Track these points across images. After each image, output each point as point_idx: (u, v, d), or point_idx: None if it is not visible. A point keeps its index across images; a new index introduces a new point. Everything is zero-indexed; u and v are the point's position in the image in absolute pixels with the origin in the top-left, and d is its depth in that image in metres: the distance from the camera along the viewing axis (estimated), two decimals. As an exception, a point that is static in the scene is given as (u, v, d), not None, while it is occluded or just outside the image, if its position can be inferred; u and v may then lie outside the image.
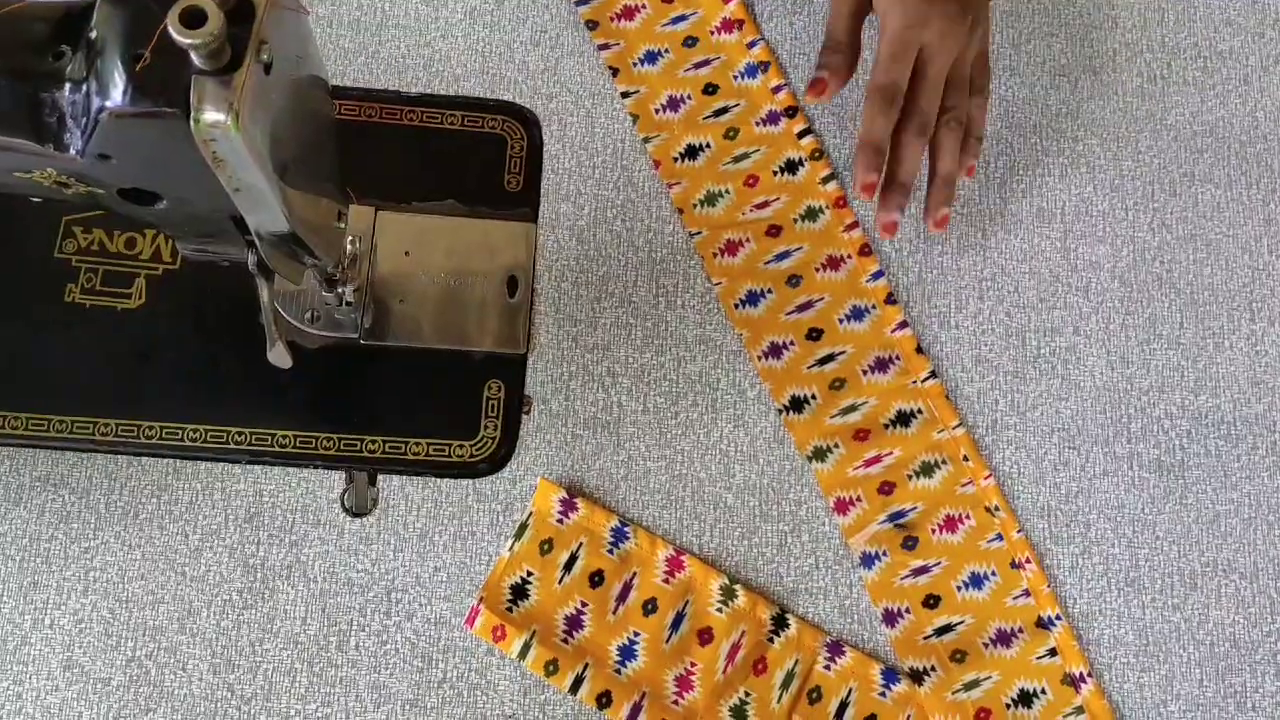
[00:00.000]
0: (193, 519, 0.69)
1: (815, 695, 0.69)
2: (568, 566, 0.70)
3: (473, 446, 0.70)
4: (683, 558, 0.70)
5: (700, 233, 0.77)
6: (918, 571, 0.71)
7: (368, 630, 0.68)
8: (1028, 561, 0.72)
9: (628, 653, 0.69)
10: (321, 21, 0.79)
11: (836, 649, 0.70)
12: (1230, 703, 0.71)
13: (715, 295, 0.76)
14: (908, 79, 0.70)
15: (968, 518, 0.72)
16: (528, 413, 0.72)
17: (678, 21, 0.82)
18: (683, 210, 0.78)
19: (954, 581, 0.71)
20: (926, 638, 0.70)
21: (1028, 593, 0.71)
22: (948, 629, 0.71)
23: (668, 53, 0.81)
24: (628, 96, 0.80)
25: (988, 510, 0.72)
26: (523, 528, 0.70)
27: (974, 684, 0.70)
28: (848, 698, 0.69)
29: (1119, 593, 0.72)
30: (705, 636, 0.69)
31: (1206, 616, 0.72)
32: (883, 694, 0.69)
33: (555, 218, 0.77)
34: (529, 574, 0.69)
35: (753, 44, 0.81)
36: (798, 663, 0.69)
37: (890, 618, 0.71)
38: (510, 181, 0.75)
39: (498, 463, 0.70)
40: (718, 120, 0.79)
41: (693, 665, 0.69)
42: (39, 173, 0.49)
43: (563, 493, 0.70)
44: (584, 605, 0.69)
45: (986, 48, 0.76)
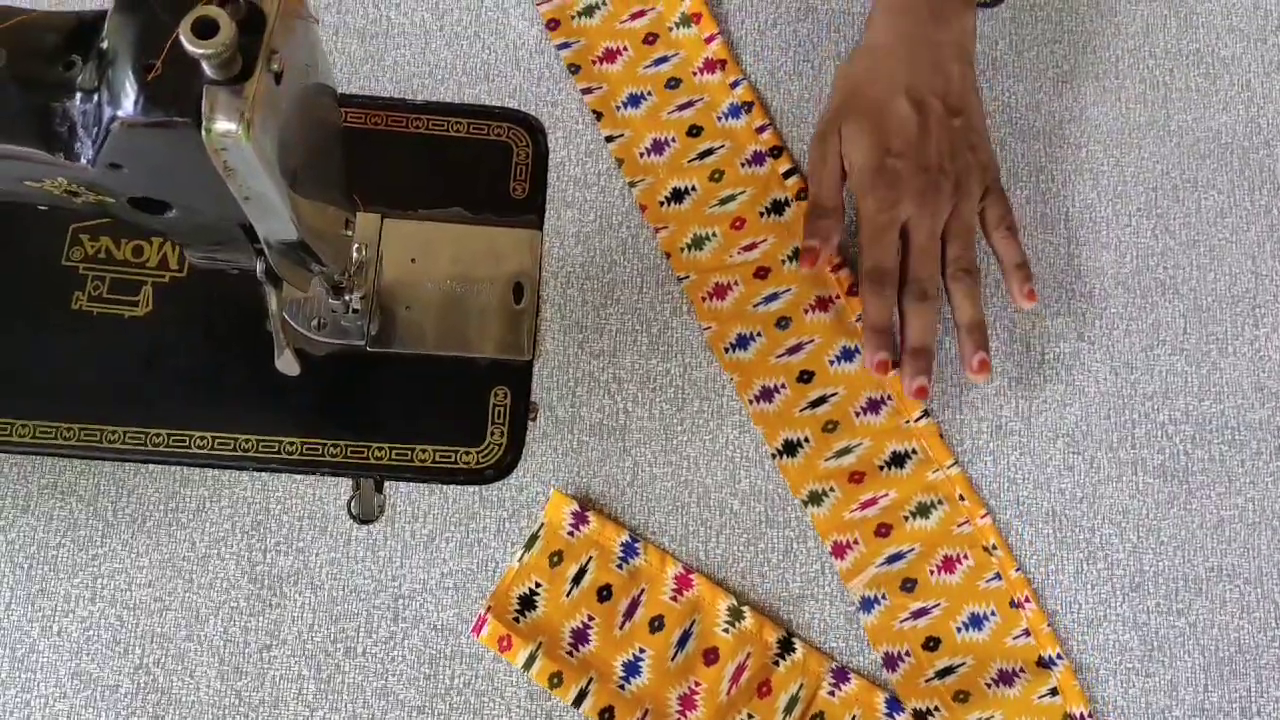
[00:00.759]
0: (200, 526, 0.70)
1: (818, 720, 0.69)
2: (576, 580, 0.70)
3: (479, 453, 0.70)
4: (691, 576, 0.70)
5: (688, 276, 0.77)
6: (917, 614, 0.71)
7: (375, 637, 0.69)
8: (1027, 601, 0.72)
9: (632, 669, 0.69)
10: (328, 29, 0.79)
11: (842, 675, 0.70)
12: (1235, 708, 0.71)
13: (706, 341, 0.75)
14: (895, 257, 0.73)
15: (965, 558, 0.72)
16: (534, 419, 0.72)
17: (660, 63, 0.81)
18: (670, 254, 0.77)
19: (954, 623, 0.71)
20: (929, 680, 0.70)
21: (1028, 632, 0.71)
22: (949, 671, 0.70)
23: (651, 95, 0.80)
24: (612, 140, 0.79)
25: (985, 550, 0.72)
26: (533, 538, 0.70)
27: (978, 723, 0.70)
28: (851, 725, 0.69)
29: (1124, 598, 0.73)
30: (711, 656, 0.69)
31: (1211, 622, 0.73)
32: (886, 723, 0.69)
33: (561, 224, 0.77)
34: (537, 585, 0.70)
35: (736, 84, 0.80)
36: (802, 687, 0.69)
37: (891, 661, 0.70)
38: (516, 188, 0.75)
39: (504, 469, 0.70)
40: (703, 163, 0.79)
41: (697, 685, 0.69)
42: (49, 181, 0.49)
43: (575, 505, 0.70)
44: (591, 619, 0.69)
45: (996, 182, 0.76)
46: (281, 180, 0.47)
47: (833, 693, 0.69)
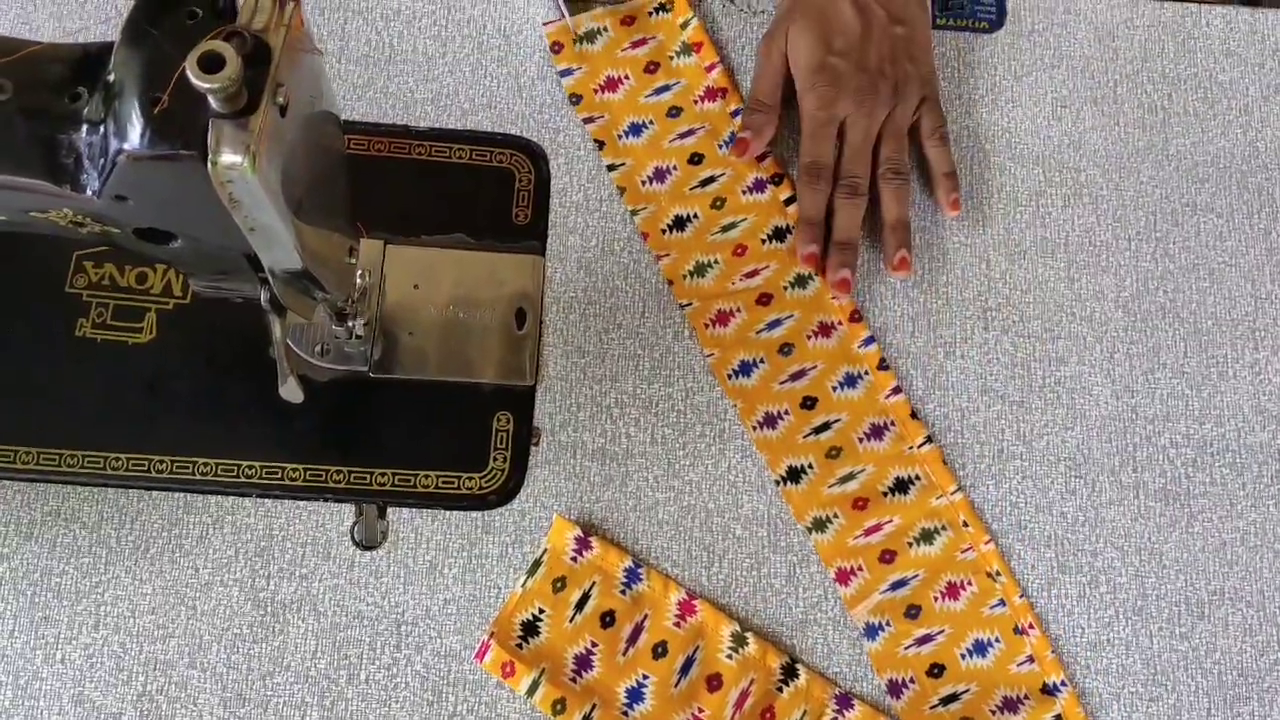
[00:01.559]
0: (203, 553, 0.70)
1: (822, 745, 0.69)
2: (579, 605, 0.70)
3: (482, 479, 0.70)
4: (695, 602, 0.70)
5: (691, 303, 0.77)
6: (921, 640, 0.71)
7: (378, 664, 0.69)
8: (1031, 627, 0.71)
9: (636, 695, 0.69)
10: (331, 57, 0.80)
11: (845, 702, 0.69)
12: (1239, 732, 0.71)
13: (709, 367, 0.76)
14: (831, 153, 0.78)
15: (969, 584, 0.72)
16: (536, 444, 0.72)
17: (661, 92, 0.81)
18: (672, 281, 0.77)
19: (958, 649, 0.71)
20: (933, 707, 0.70)
21: (1032, 659, 0.71)
22: (953, 698, 0.70)
23: (652, 124, 0.81)
24: (614, 169, 0.79)
25: (989, 576, 0.72)
26: (536, 564, 0.70)
27: (982, 750, 0.70)
28: (854, 751, 0.69)
29: (1126, 621, 0.73)
30: (714, 683, 0.69)
31: (1214, 645, 0.73)
32: (889, 749, 0.69)
33: (563, 250, 0.77)
34: (540, 611, 0.69)
35: (736, 112, 0.81)
36: (805, 714, 0.69)
37: (895, 689, 0.70)
38: (518, 214, 0.76)
39: (507, 495, 0.70)
40: (704, 190, 0.79)
41: (700, 711, 0.69)
42: (55, 212, 0.49)
43: (578, 530, 0.70)
44: (594, 645, 0.69)
45: (932, 93, 0.80)
46: (286, 211, 0.47)
47: (836, 719, 0.69)
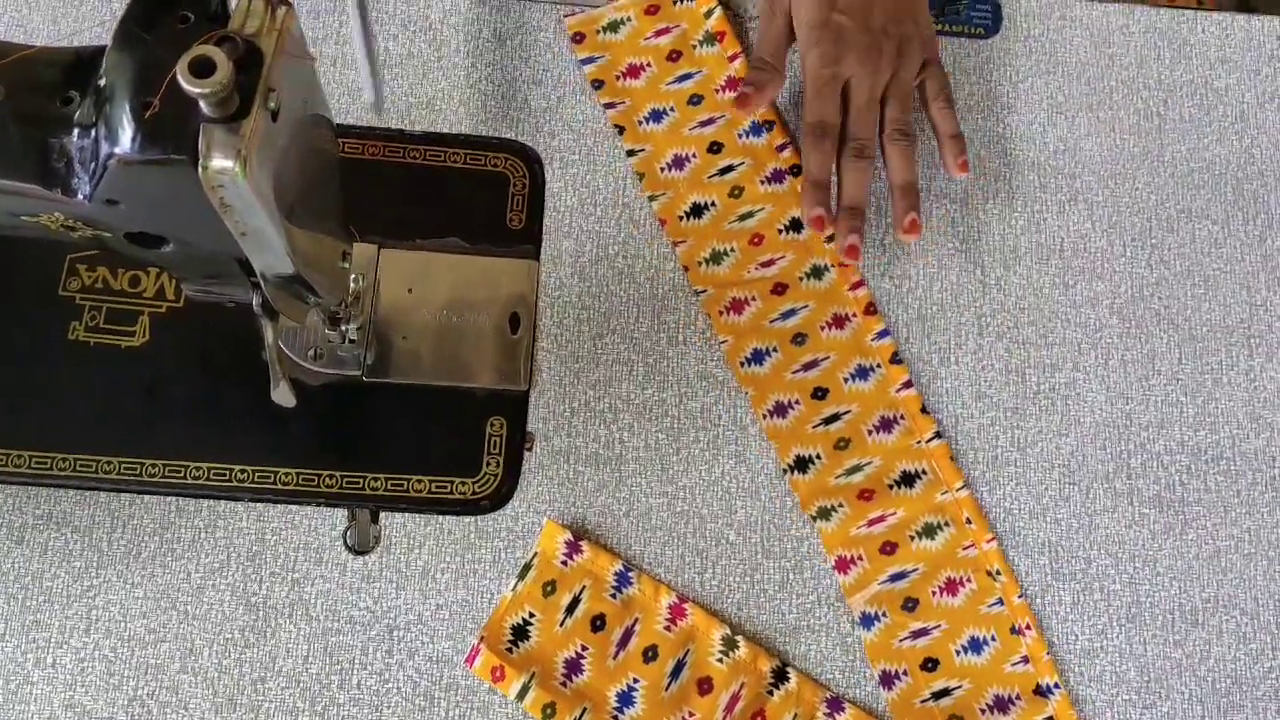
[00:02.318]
0: (195, 557, 0.70)
1: (813, 748, 0.69)
2: (570, 609, 0.70)
3: (475, 484, 0.70)
4: (685, 606, 0.70)
5: (706, 290, 0.77)
6: (917, 634, 0.71)
7: (370, 669, 0.68)
8: (1028, 628, 0.71)
9: (626, 699, 0.68)
10: (326, 60, 0.79)
11: (836, 705, 0.69)
12: (1233, 739, 0.71)
13: (720, 344, 0.76)
14: (837, 113, 0.76)
15: (969, 581, 0.72)
16: (530, 449, 0.72)
17: (683, 80, 0.82)
18: (688, 268, 0.78)
19: (953, 645, 0.71)
20: (924, 701, 0.70)
21: (1027, 659, 0.71)
22: (945, 693, 0.70)
23: (673, 111, 0.81)
24: (633, 155, 0.80)
25: (989, 574, 0.72)
26: (526, 568, 0.70)
27: (971, 749, 0.70)
28: (845, 753, 0.69)
29: (1120, 629, 0.73)
30: (705, 686, 0.69)
31: (1208, 653, 0.72)
32: (880, 750, 0.69)
33: (557, 255, 0.77)
34: (531, 615, 0.69)
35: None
36: (796, 717, 0.69)
37: (888, 679, 0.70)
38: (513, 219, 0.76)
39: (500, 500, 0.70)
40: (723, 179, 0.80)
41: (691, 714, 0.68)
42: (46, 216, 0.49)
43: (568, 534, 0.70)
44: (584, 649, 0.69)
45: (934, 56, 0.79)
46: (278, 215, 0.47)
47: (828, 723, 0.69)
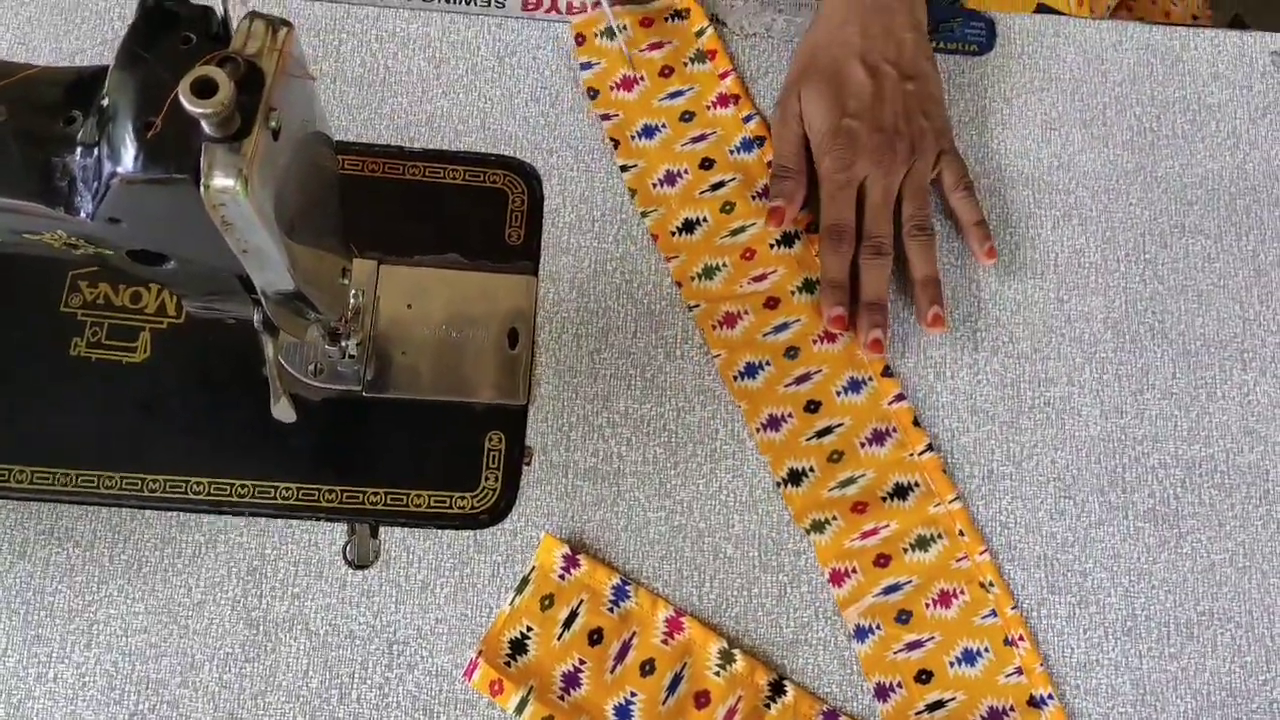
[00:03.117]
0: (196, 572, 0.70)
1: (810, 761, 0.69)
2: (567, 623, 0.70)
3: (474, 498, 0.71)
4: (682, 619, 0.70)
5: (699, 305, 0.77)
6: (911, 646, 0.71)
7: (369, 683, 0.69)
8: (1021, 639, 0.72)
9: (624, 713, 0.69)
10: (325, 77, 0.80)
11: (832, 718, 0.69)
12: (1229, 752, 0.71)
13: (705, 379, 0.76)
14: (852, 214, 0.77)
15: (962, 593, 0.73)
16: (528, 464, 0.73)
17: (675, 96, 0.82)
18: (681, 283, 0.78)
19: (947, 657, 0.71)
20: (918, 713, 0.70)
21: (1020, 671, 0.71)
22: (939, 705, 0.71)
23: (665, 127, 0.81)
24: (626, 170, 0.80)
25: (982, 586, 0.73)
26: (524, 582, 0.70)
27: (966, 760, 0.70)
28: (842, 766, 0.69)
29: (1116, 642, 0.73)
30: (702, 699, 0.69)
31: (1203, 666, 0.73)
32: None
33: (556, 270, 0.78)
34: (529, 629, 0.70)
35: (748, 118, 0.82)
36: None
37: (882, 692, 0.70)
38: (511, 235, 0.76)
39: (499, 514, 0.71)
40: (714, 194, 0.80)
41: None
42: (49, 234, 0.50)
43: (565, 548, 0.71)
44: (582, 663, 0.69)
45: (949, 146, 0.80)
46: (279, 233, 0.48)
47: (825, 735, 0.70)
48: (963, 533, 0.73)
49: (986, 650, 0.72)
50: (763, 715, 0.69)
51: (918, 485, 0.74)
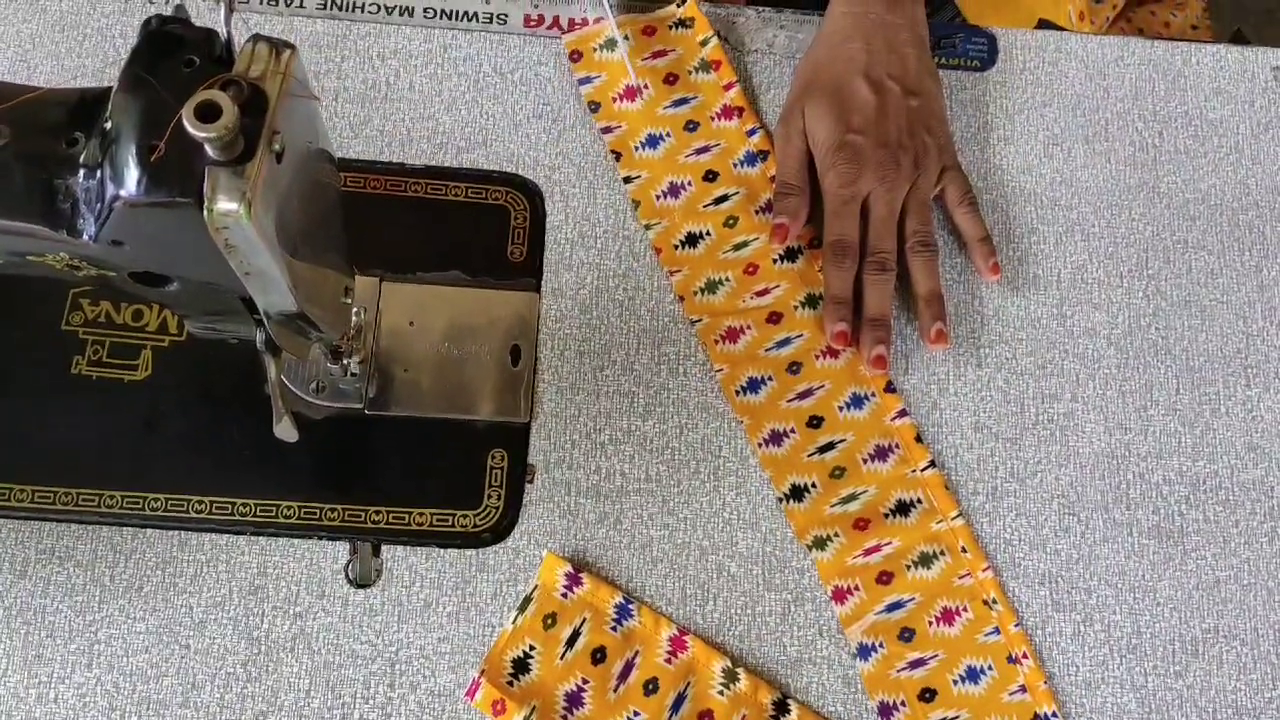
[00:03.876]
0: (197, 591, 0.70)
1: (813, 780, 0.69)
2: (570, 642, 0.70)
3: (476, 516, 0.71)
4: (686, 638, 0.70)
5: (701, 320, 0.77)
6: (914, 664, 0.71)
7: (371, 703, 0.68)
8: (1025, 657, 0.71)
9: None
10: (327, 94, 0.80)
11: None
12: (1235, 770, 0.71)
13: (707, 397, 0.76)
14: (856, 230, 0.77)
15: (965, 610, 0.73)
16: (530, 481, 0.72)
17: (679, 104, 0.82)
18: (684, 298, 0.78)
19: (951, 675, 0.71)
20: None
21: (1024, 689, 0.71)
22: None
23: (669, 137, 0.81)
24: (630, 182, 0.80)
25: (985, 603, 0.72)
26: (527, 601, 0.70)
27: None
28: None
29: (1121, 660, 0.73)
30: (706, 719, 0.69)
31: (1209, 683, 0.72)
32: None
33: (558, 287, 0.77)
34: (531, 648, 0.69)
35: (752, 132, 0.81)
36: None
37: (886, 711, 0.70)
38: (514, 252, 0.76)
39: (501, 532, 0.71)
40: (718, 208, 0.80)
41: None
42: (51, 256, 0.50)
43: (568, 567, 0.70)
44: (585, 682, 0.69)
45: (952, 162, 0.80)
46: (282, 255, 0.47)
47: (829, 755, 0.69)
48: (965, 550, 0.73)
49: (990, 668, 0.71)
50: (767, 735, 0.69)
51: (920, 502, 0.74)
